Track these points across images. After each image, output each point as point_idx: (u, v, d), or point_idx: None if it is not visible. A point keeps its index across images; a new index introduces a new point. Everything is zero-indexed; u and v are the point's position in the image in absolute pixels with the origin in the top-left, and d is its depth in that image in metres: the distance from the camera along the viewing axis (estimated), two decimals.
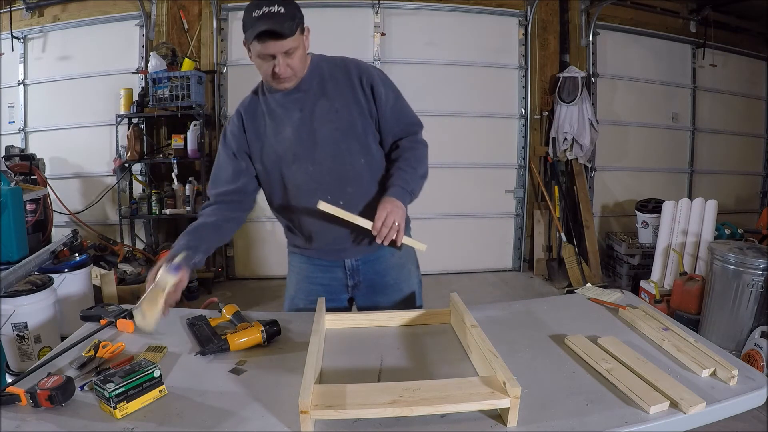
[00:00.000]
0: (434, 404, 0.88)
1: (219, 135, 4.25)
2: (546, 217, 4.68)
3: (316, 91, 1.38)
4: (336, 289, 1.52)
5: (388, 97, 1.41)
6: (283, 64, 1.27)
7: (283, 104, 1.38)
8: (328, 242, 1.46)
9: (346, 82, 1.39)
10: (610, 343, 1.16)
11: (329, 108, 1.37)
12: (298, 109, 1.37)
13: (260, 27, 1.20)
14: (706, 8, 4.72)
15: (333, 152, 1.37)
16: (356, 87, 1.38)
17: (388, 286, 1.53)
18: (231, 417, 0.93)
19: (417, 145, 1.45)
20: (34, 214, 3.11)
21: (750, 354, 2.58)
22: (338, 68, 1.41)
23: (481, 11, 4.45)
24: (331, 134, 1.37)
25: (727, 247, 2.87)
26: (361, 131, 1.39)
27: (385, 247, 1.49)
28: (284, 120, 1.38)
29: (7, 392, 0.95)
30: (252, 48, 1.27)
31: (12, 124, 4.43)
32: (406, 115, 1.46)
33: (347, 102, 1.38)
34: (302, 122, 1.37)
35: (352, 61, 1.43)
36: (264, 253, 4.51)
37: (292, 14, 1.23)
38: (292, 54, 1.27)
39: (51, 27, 4.31)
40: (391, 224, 1.27)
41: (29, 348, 2.25)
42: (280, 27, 1.20)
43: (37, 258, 2.06)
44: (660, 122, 4.96)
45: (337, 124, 1.37)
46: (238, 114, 1.44)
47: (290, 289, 1.58)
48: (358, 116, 1.38)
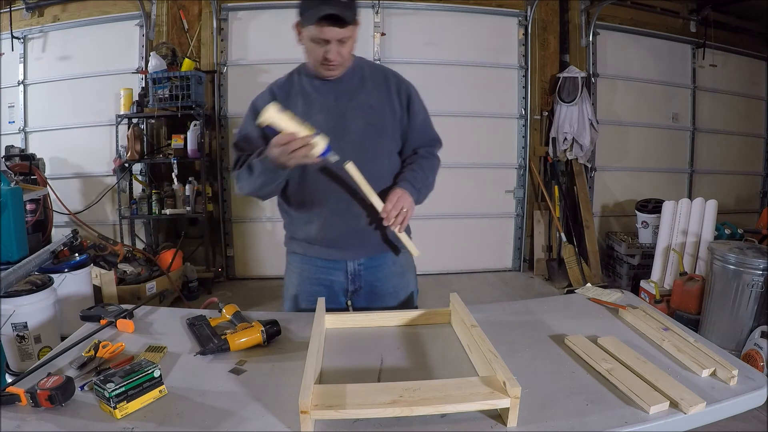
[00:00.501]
0: (434, 404, 0.88)
1: (219, 135, 4.30)
2: (546, 217, 4.68)
3: (356, 85, 1.42)
4: (336, 292, 1.52)
5: (420, 111, 1.49)
6: (336, 51, 1.30)
7: (319, 89, 1.40)
8: (334, 236, 1.45)
9: (384, 86, 1.44)
10: (610, 343, 1.16)
11: (365, 103, 1.41)
12: (334, 97, 1.40)
13: (326, 10, 1.22)
14: (706, 8, 4.72)
15: (360, 146, 1.38)
16: (393, 93, 1.44)
17: (387, 294, 1.53)
18: (231, 417, 0.93)
19: (433, 157, 1.52)
20: (34, 214, 3.11)
21: (750, 354, 2.58)
22: (378, 72, 1.48)
23: (481, 11, 4.45)
24: (363, 128, 1.39)
25: (727, 247, 2.87)
26: (390, 133, 1.45)
27: (387, 254, 1.51)
28: (317, 105, 1.39)
29: (7, 392, 0.95)
30: (306, 31, 1.29)
31: (12, 124, 4.43)
32: (431, 132, 1.55)
33: (383, 103, 1.43)
34: (336, 111, 1.39)
35: (390, 70, 1.51)
36: (264, 253, 4.51)
37: (351, 4, 1.27)
38: (345, 43, 1.30)
39: (51, 27, 4.31)
40: (400, 209, 1.32)
41: (29, 348, 2.25)
42: (343, 13, 1.23)
43: (37, 258, 2.06)
44: (660, 122, 4.96)
45: (370, 120, 1.40)
46: (270, 91, 1.45)
47: (291, 290, 1.57)
48: (390, 118, 1.43)
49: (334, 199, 1.41)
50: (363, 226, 1.43)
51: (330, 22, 1.24)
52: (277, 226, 4.42)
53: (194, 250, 4.34)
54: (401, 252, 1.54)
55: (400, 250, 1.53)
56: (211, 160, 4.28)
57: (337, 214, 1.42)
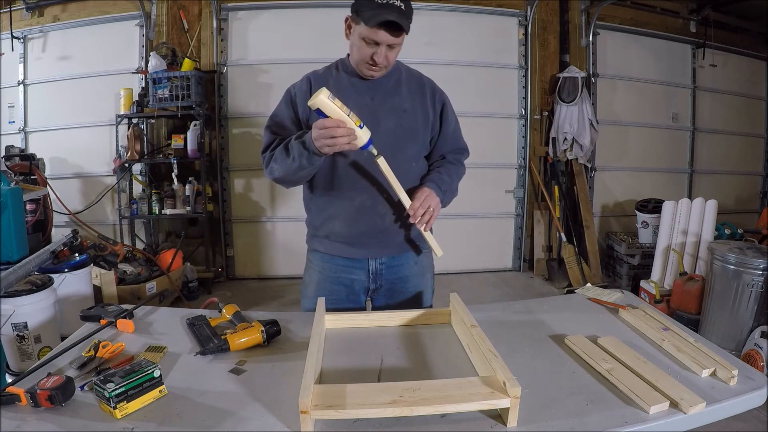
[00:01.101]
0: (434, 404, 0.88)
1: (219, 135, 4.30)
2: (546, 217, 4.68)
3: (392, 87, 1.44)
4: (357, 290, 1.52)
5: (452, 120, 1.52)
6: (383, 54, 1.32)
7: (357, 87, 1.41)
8: (357, 233, 1.45)
9: (419, 91, 1.47)
10: (610, 343, 1.16)
11: (399, 106, 1.43)
12: (370, 97, 1.41)
13: (387, 16, 1.24)
14: (706, 8, 4.72)
15: (391, 147, 1.38)
16: (427, 99, 1.46)
17: (407, 292, 1.54)
18: (231, 417, 0.93)
19: (459, 164, 1.56)
20: (34, 214, 3.11)
21: (750, 354, 2.58)
22: (415, 77, 1.49)
23: (481, 11, 4.45)
24: (394, 129, 1.41)
25: (727, 247, 2.87)
26: (421, 138, 1.46)
27: (409, 253, 1.52)
28: (352, 101, 1.37)
29: (7, 392, 0.95)
30: (358, 29, 1.30)
31: (12, 124, 4.43)
32: (460, 140, 1.58)
33: (416, 108, 1.45)
34: (370, 109, 1.39)
35: (426, 77, 1.52)
36: (264, 253, 4.51)
37: (409, 13, 1.29)
38: (394, 48, 1.33)
39: (51, 27, 4.31)
40: (427, 207, 1.35)
41: (29, 348, 2.25)
42: (402, 22, 1.26)
43: (37, 258, 2.05)
44: (660, 122, 4.96)
45: (403, 122, 1.42)
46: (307, 80, 1.45)
47: (311, 288, 1.55)
48: (422, 123, 1.45)
49: (361, 196, 1.42)
50: (387, 225, 1.44)
51: (388, 28, 1.26)
52: (277, 227, 4.43)
53: (194, 250, 4.34)
54: (422, 252, 1.55)
55: (422, 251, 1.54)
56: (211, 160, 4.27)
57: (362, 210, 1.43)
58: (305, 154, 1.28)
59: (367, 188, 1.41)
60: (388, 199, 1.41)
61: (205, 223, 4.07)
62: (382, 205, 1.42)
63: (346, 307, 1.43)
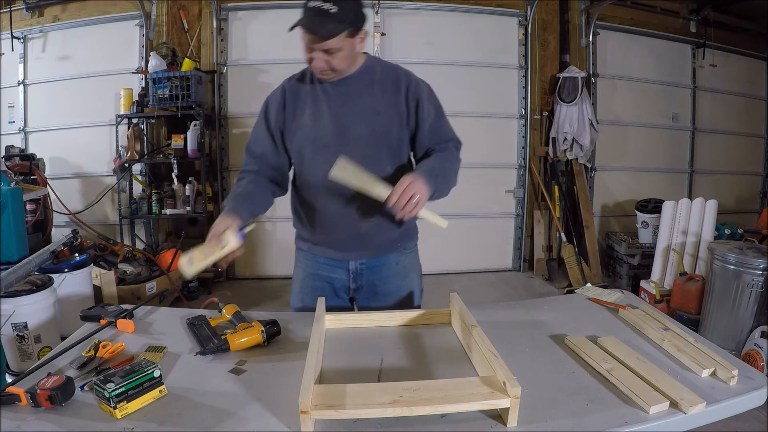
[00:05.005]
0: (434, 404, 0.88)
1: (219, 135, 4.30)
2: (546, 217, 4.67)
3: (363, 89, 1.39)
4: (339, 288, 1.53)
5: (430, 114, 1.42)
6: (320, 58, 1.27)
7: (328, 92, 1.39)
8: (335, 239, 1.47)
9: (393, 89, 1.40)
10: (610, 343, 1.16)
11: (371, 109, 1.38)
12: (341, 102, 1.38)
13: (302, 20, 1.21)
14: (706, 8, 4.71)
15: (363, 153, 1.35)
16: (402, 96, 1.39)
17: (389, 293, 1.53)
18: (231, 417, 0.93)
19: (449, 152, 1.45)
20: (34, 214, 3.11)
21: (750, 354, 2.58)
22: (390, 74, 1.42)
23: (481, 11, 4.45)
24: (366, 135, 1.37)
25: (727, 247, 2.87)
26: (396, 140, 1.41)
27: (390, 255, 1.50)
28: (324, 108, 1.38)
29: (7, 392, 0.95)
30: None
31: (12, 124, 4.43)
32: (444, 133, 1.46)
33: (389, 107, 1.39)
34: (341, 116, 1.37)
35: (404, 71, 1.44)
36: (264, 253, 4.51)
37: (342, 17, 1.21)
38: (333, 54, 1.26)
39: (51, 27, 4.31)
40: (408, 197, 1.21)
41: (29, 348, 2.25)
42: (318, 28, 1.20)
43: (37, 258, 2.06)
44: (660, 122, 4.96)
45: (374, 127, 1.38)
46: (282, 89, 1.44)
47: (296, 285, 1.58)
48: (396, 124, 1.39)
49: (335, 204, 1.40)
50: (365, 229, 1.43)
51: (310, 31, 1.21)
52: (277, 226, 4.42)
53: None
54: (406, 252, 1.54)
55: (406, 251, 1.54)
56: (211, 160, 4.27)
57: (338, 217, 1.42)
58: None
59: (340, 195, 1.38)
60: (364, 203, 1.37)
61: (205, 223, 4.07)
62: (358, 210, 1.40)
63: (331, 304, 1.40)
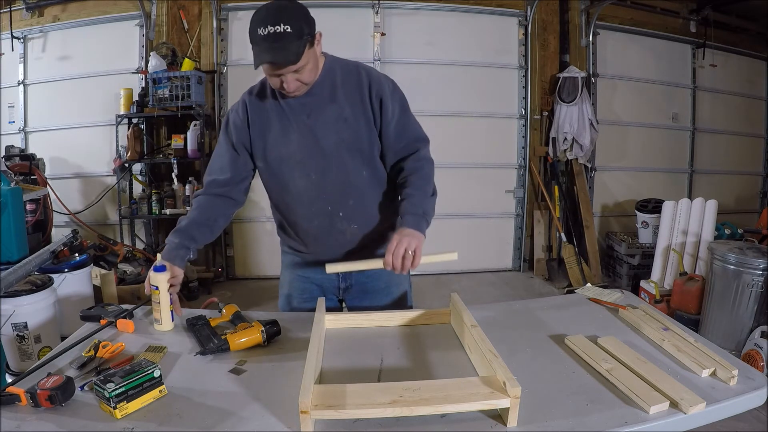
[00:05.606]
0: (434, 404, 0.88)
1: (219, 135, 4.30)
2: (546, 217, 4.68)
3: (327, 96, 1.34)
4: (328, 289, 1.52)
5: (394, 112, 1.36)
6: (292, 80, 1.24)
7: (292, 106, 1.35)
8: (320, 251, 1.46)
9: (356, 91, 1.34)
10: (610, 343, 1.16)
11: (337, 116, 1.34)
12: (306, 114, 1.34)
13: (264, 57, 1.17)
14: (706, 8, 4.71)
15: (337, 163, 1.34)
16: (365, 97, 1.34)
17: (379, 290, 1.52)
18: (231, 417, 0.93)
19: (421, 164, 1.39)
20: (34, 214, 3.11)
21: (750, 354, 2.58)
22: (351, 75, 1.36)
23: (481, 11, 4.45)
24: (336, 145, 1.34)
25: (727, 247, 2.87)
26: (367, 144, 1.37)
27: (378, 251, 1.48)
28: (291, 123, 1.35)
29: (7, 392, 0.95)
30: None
31: (12, 124, 4.43)
32: (410, 131, 1.40)
33: (356, 112, 1.34)
34: (308, 129, 1.34)
35: (364, 69, 1.38)
36: (264, 253, 4.51)
37: (299, 32, 1.17)
38: (302, 70, 1.23)
39: (51, 27, 4.31)
40: (402, 254, 1.23)
41: (29, 348, 2.25)
42: (285, 55, 1.17)
43: (37, 258, 2.06)
44: (660, 122, 4.96)
45: (343, 135, 1.34)
46: (243, 104, 1.39)
47: (284, 287, 1.58)
48: (365, 127, 1.35)
49: (318, 218, 1.39)
50: (349, 239, 1.42)
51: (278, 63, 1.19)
52: None
53: None
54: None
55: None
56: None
57: (321, 230, 1.41)
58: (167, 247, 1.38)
59: (322, 209, 1.38)
60: (346, 215, 1.38)
61: None
62: (341, 223, 1.39)
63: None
